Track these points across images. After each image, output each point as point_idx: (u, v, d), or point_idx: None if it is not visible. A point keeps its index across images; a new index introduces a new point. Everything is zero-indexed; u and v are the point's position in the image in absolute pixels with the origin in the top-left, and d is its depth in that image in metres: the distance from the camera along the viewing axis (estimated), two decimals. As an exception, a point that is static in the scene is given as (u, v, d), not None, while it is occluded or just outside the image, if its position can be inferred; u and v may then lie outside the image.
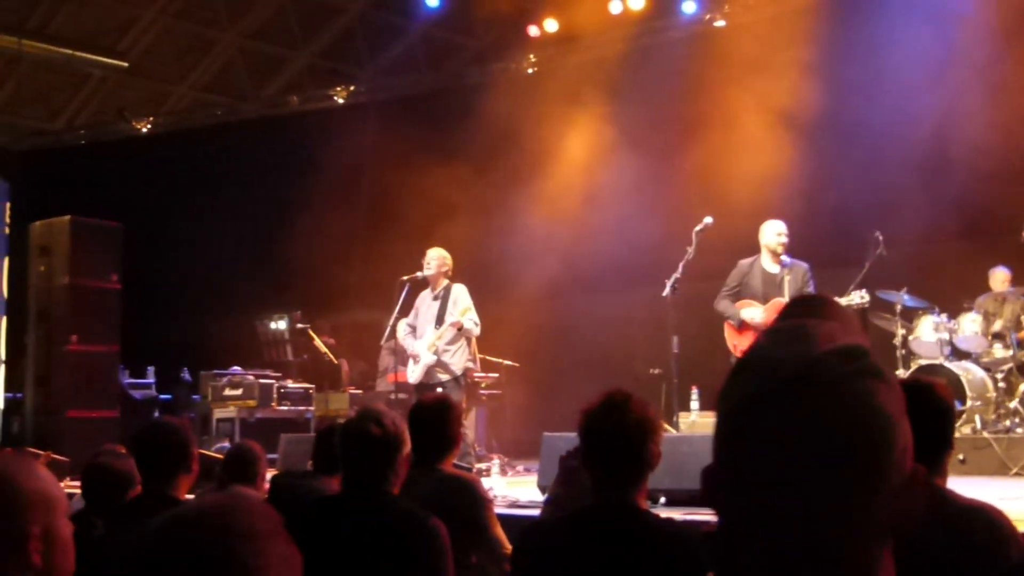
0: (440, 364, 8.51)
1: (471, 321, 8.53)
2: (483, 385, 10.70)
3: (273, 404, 10.99)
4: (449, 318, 8.51)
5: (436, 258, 8.72)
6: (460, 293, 8.64)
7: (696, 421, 9.17)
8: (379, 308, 10.04)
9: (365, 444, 3.13)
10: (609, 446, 2.69)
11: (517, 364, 11.12)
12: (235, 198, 13.70)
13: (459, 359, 8.58)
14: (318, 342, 12.23)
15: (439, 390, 7.95)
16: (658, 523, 2.68)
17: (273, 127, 14.73)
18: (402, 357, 8.94)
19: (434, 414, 4.08)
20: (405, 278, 8.80)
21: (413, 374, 8.66)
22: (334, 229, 12.82)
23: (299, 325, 12.19)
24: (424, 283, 8.83)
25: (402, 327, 8.96)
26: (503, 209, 11.89)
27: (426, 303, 8.80)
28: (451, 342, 8.55)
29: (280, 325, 12.22)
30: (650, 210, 10.91)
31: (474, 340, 8.96)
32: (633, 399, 2.74)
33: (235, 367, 11.47)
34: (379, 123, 13.55)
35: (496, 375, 10.97)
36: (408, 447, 3.23)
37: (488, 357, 10.68)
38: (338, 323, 13.25)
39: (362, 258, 13.22)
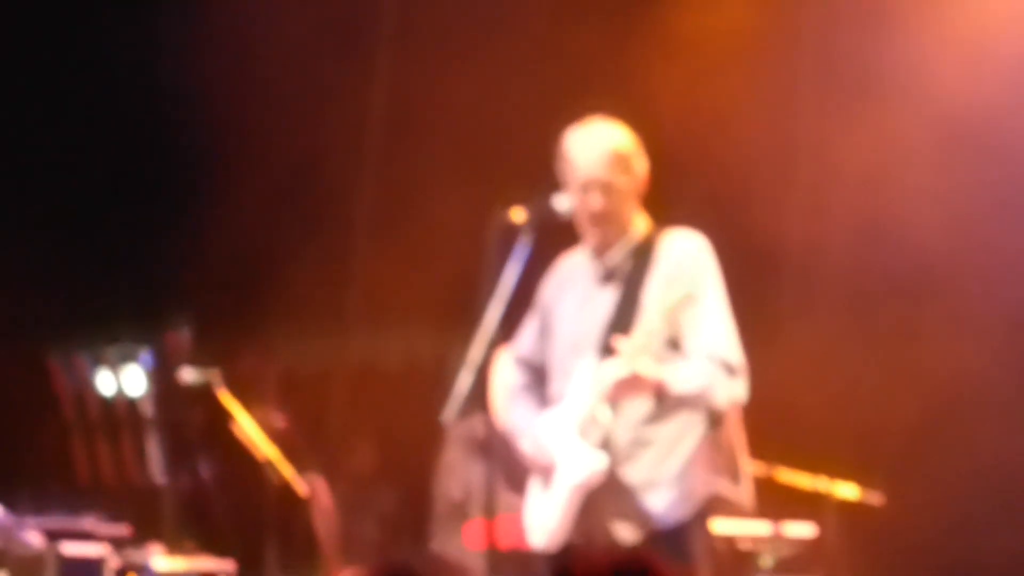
0: (625, 472, 6.48)
1: (712, 355, 6.24)
2: (767, 562, 8.58)
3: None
4: (649, 323, 6.32)
5: (611, 149, 6.41)
6: (688, 255, 6.50)
7: None
8: (429, 318, 9.62)
9: None
10: None
11: (879, 496, 8.68)
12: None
13: (690, 465, 6.39)
14: (245, 426, 9.14)
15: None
16: None
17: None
18: (512, 470, 7.12)
19: None
20: (516, 217, 6.59)
21: (546, 521, 6.66)
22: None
23: (190, 377, 9.27)
24: (569, 230, 6.76)
25: (503, 374, 7.05)
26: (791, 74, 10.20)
27: (579, 288, 6.79)
28: (662, 413, 6.45)
29: (130, 374, 10.59)
30: None
31: (734, 419, 6.52)
32: None
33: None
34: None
35: (806, 530, 8.60)
36: None
37: (774, 472, 8.55)
38: (307, 368, 11.50)
39: (376, 168, 11.24)
